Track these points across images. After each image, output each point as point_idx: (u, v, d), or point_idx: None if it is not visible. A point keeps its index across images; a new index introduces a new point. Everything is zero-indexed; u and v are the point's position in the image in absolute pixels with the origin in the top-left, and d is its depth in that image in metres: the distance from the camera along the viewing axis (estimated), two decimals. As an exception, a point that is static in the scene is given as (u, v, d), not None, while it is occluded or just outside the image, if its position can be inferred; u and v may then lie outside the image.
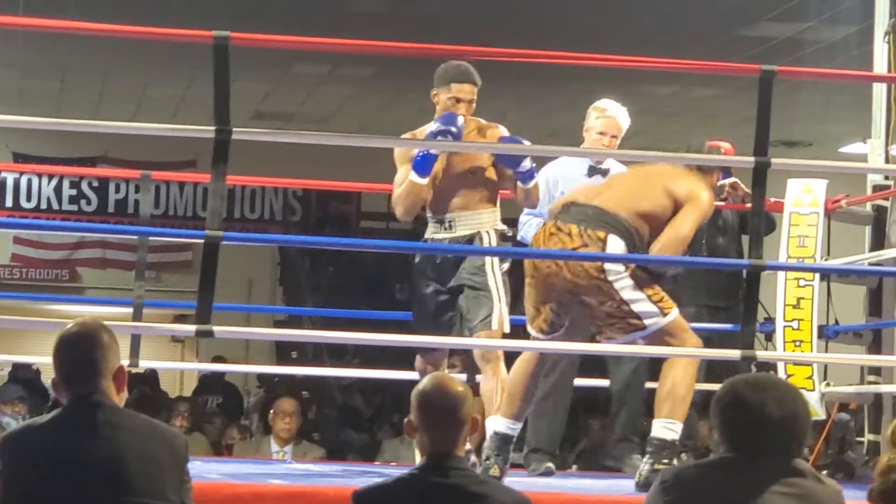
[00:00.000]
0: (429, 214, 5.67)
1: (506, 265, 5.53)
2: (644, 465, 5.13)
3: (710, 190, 5.43)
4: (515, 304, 5.52)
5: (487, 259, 5.46)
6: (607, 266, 5.08)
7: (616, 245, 5.10)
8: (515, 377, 5.29)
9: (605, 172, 6.33)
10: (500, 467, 5.16)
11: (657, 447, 5.08)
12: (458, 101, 5.55)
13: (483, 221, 5.56)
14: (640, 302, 5.10)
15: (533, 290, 5.29)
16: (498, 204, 5.64)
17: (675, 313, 5.17)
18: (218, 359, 13.20)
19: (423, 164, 5.48)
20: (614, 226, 5.13)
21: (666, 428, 5.08)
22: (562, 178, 6.26)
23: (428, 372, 5.47)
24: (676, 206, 5.23)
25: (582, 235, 5.12)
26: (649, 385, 6.25)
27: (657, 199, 5.23)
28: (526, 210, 6.15)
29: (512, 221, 5.93)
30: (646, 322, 5.11)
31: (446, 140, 5.34)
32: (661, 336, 5.14)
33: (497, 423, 5.22)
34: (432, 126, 5.43)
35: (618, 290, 5.08)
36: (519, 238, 6.21)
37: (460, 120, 5.39)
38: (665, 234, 5.21)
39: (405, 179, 5.51)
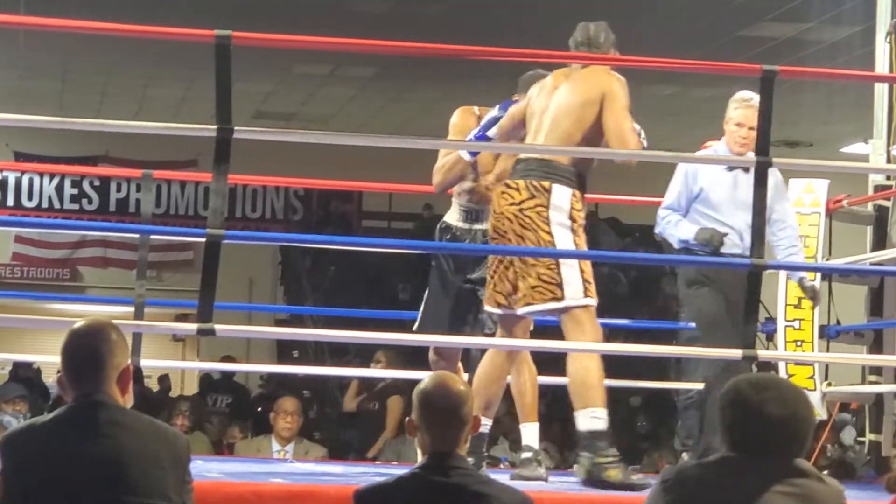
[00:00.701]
0: (463, 200, 5.68)
1: None
2: (584, 459, 5.08)
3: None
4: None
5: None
6: (553, 202, 5.06)
7: (560, 192, 5.07)
8: (490, 372, 5.26)
9: (746, 169, 6.06)
10: (477, 465, 5.15)
11: (590, 439, 5.05)
12: None
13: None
14: (570, 270, 5.02)
15: (493, 259, 5.26)
16: None
17: (592, 302, 5.06)
18: (227, 358, 13.18)
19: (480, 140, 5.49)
20: (556, 173, 5.10)
21: (592, 418, 5.05)
22: (701, 171, 6.11)
23: (441, 366, 5.48)
24: (600, 108, 5.16)
25: (528, 188, 5.09)
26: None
27: (583, 120, 5.17)
28: (664, 204, 6.11)
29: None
30: (565, 295, 5.01)
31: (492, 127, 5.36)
32: (568, 318, 5.04)
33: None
34: (494, 111, 5.44)
35: (559, 247, 5.03)
36: (657, 232, 6.15)
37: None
38: (609, 140, 5.14)
39: (450, 153, 5.47)
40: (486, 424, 5.22)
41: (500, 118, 5.42)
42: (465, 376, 5.67)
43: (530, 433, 5.63)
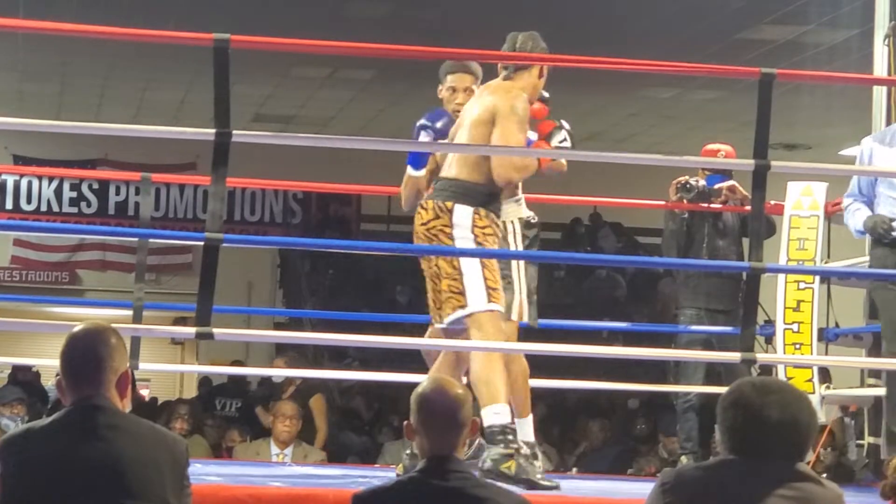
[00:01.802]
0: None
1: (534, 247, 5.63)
2: (489, 451, 5.11)
3: (527, 90, 5.39)
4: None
5: (513, 250, 5.56)
6: (454, 221, 5.20)
7: (461, 211, 5.22)
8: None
9: None
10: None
11: (493, 433, 5.12)
12: (454, 90, 5.64)
13: (508, 212, 5.61)
14: (473, 279, 5.16)
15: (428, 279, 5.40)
16: (520, 190, 5.67)
17: (496, 307, 5.18)
18: (236, 363, 13.15)
19: (416, 158, 5.60)
20: (457, 191, 5.25)
21: (494, 414, 5.11)
22: (875, 153, 6.01)
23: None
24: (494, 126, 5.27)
25: (435, 208, 5.27)
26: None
27: (479, 139, 5.28)
28: (847, 193, 6.08)
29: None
30: (468, 302, 5.15)
31: (428, 134, 5.39)
32: (471, 322, 5.16)
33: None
34: (420, 120, 5.49)
35: (461, 263, 5.18)
36: (846, 223, 6.13)
37: (443, 117, 5.48)
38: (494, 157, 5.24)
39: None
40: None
41: (423, 125, 5.54)
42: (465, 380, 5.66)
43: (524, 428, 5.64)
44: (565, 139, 5.46)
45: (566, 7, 10.48)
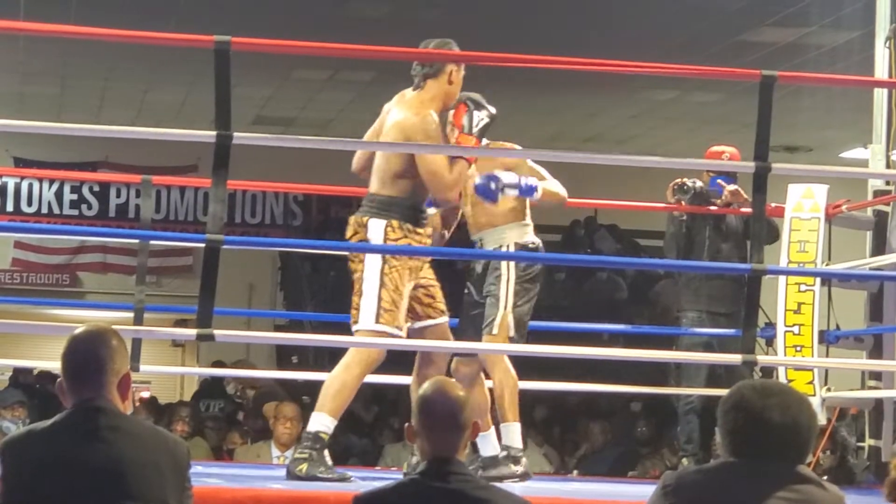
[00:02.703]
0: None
1: (532, 271, 5.68)
2: (297, 451, 5.34)
3: (437, 99, 5.46)
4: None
5: (503, 267, 5.65)
6: (368, 236, 5.36)
7: (374, 225, 5.38)
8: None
9: None
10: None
11: (307, 438, 5.31)
12: None
13: (506, 237, 5.74)
14: (368, 298, 5.31)
15: None
16: (527, 217, 5.78)
17: (383, 328, 5.30)
18: (240, 363, 13.13)
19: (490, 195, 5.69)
20: (373, 206, 5.42)
21: (318, 421, 5.30)
22: None
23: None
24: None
25: (354, 224, 5.45)
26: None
27: (397, 158, 5.41)
28: None
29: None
30: (359, 319, 5.33)
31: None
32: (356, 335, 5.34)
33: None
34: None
35: (363, 279, 5.33)
36: None
37: None
38: (419, 167, 5.33)
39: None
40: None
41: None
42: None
43: (509, 433, 5.68)
44: (482, 118, 5.47)
45: (566, 9, 10.48)
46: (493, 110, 5.49)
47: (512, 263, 5.67)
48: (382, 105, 5.69)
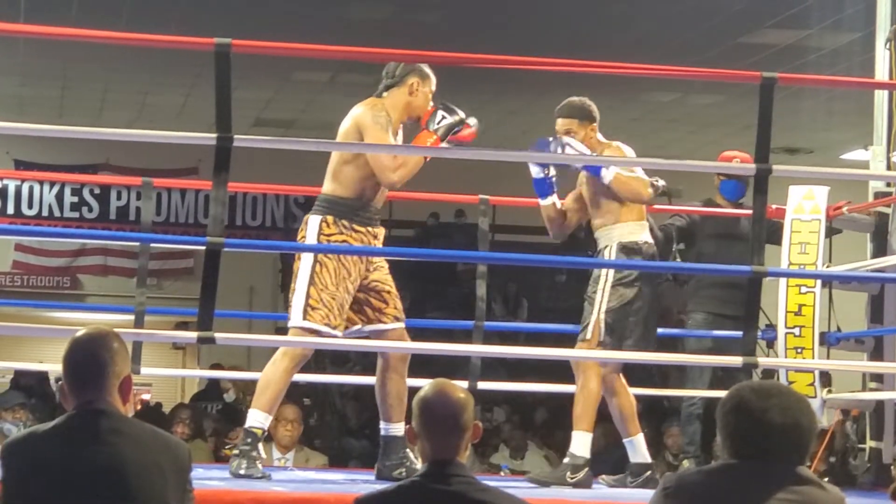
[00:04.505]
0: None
1: (631, 274, 5.86)
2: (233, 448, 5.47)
3: (398, 107, 5.57)
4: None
5: (602, 271, 5.86)
6: (306, 233, 5.46)
7: (311, 222, 5.49)
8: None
9: None
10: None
11: (243, 434, 5.41)
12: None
13: (612, 235, 5.91)
14: (298, 295, 5.40)
15: None
16: (639, 216, 5.95)
17: (311, 325, 5.34)
18: (216, 366, 13.16)
19: (539, 187, 5.93)
20: (319, 205, 5.51)
21: (253, 417, 5.40)
22: None
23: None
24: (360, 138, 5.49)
25: (303, 223, 5.55)
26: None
27: (344, 155, 5.53)
28: None
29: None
30: (290, 316, 5.41)
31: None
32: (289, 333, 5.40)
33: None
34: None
35: (297, 276, 5.43)
36: None
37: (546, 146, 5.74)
38: (372, 165, 5.43)
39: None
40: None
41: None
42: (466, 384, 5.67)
43: (575, 441, 5.86)
44: (443, 117, 5.50)
45: (566, 11, 10.48)
46: (462, 115, 5.52)
47: (609, 277, 5.82)
48: (381, 107, 5.71)
